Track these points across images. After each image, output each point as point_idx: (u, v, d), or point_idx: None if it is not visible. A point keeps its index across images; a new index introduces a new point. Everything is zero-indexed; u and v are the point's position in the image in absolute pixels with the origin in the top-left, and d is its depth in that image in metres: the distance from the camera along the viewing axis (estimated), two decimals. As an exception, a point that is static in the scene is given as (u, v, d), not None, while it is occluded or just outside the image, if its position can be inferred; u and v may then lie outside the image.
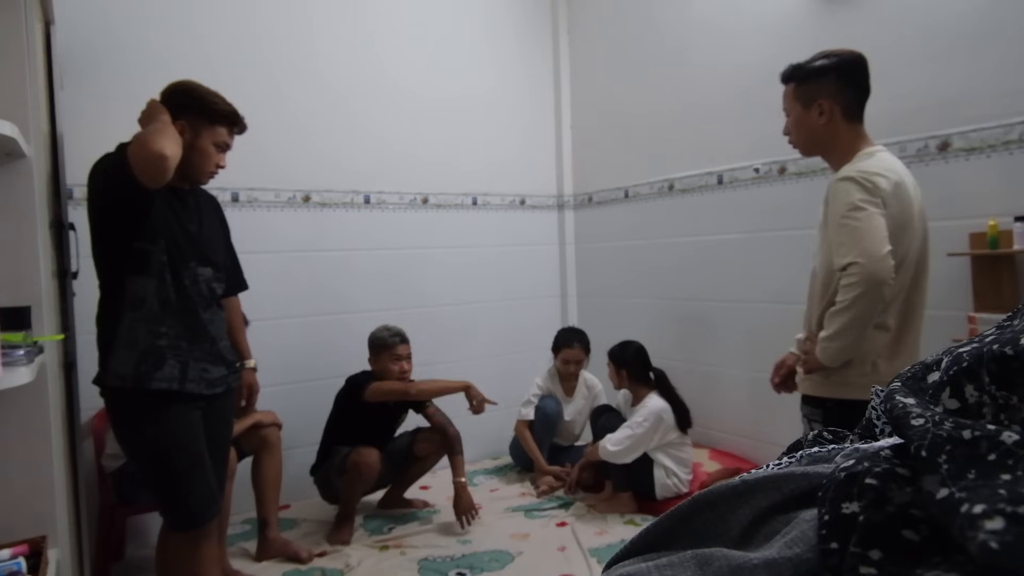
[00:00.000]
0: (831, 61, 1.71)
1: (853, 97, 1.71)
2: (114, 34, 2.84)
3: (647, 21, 3.60)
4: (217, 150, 1.89)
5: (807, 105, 1.74)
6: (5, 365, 1.32)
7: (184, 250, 1.83)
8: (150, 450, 1.79)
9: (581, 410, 3.46)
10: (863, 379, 1.68)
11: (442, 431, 2.90)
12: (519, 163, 4.00)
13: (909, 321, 1.75)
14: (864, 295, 1.59)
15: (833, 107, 1.71)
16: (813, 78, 1.73)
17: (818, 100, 1.72)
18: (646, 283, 3.70)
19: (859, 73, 1.71)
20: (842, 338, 1.65)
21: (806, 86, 1.74)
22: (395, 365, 2.87)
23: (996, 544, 0.24)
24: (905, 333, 1.74)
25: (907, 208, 1.68)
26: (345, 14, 3.40)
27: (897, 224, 1.65)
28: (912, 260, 1.72)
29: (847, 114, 1.72)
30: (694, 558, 0.32)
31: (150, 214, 1.75)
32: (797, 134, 1.80)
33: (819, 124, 1.73)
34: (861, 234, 1.59)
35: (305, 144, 3.29)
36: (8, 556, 1.38)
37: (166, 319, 1.78)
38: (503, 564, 2.52)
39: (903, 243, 1.67)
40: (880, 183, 1.62)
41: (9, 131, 1.36)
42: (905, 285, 1.72)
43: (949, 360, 0.31)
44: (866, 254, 1.58)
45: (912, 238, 1.70)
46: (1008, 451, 0.26)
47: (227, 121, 1.89)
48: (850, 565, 0.28)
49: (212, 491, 1.87)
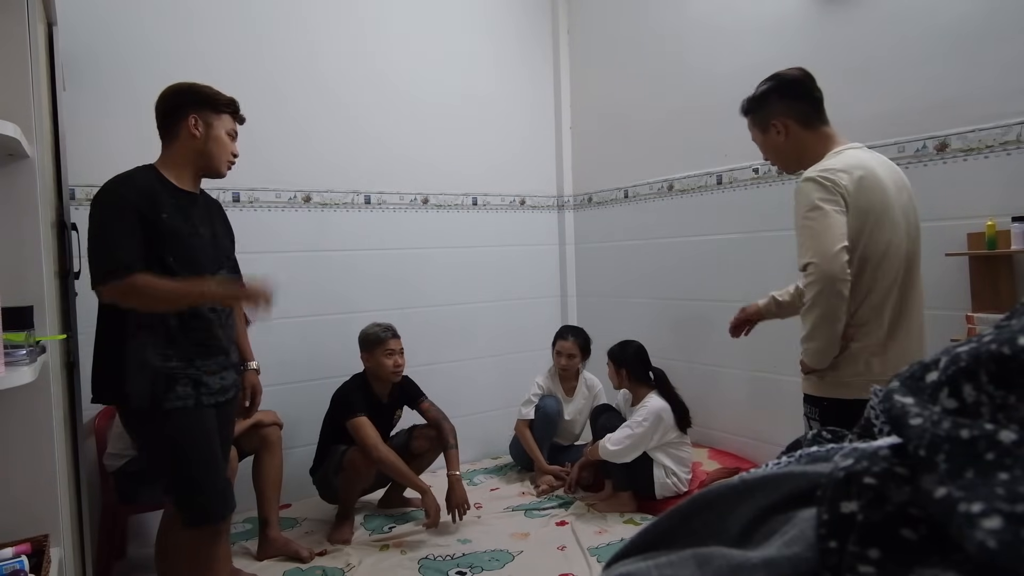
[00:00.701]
0: (770, 84, 1.83)
1: (803, 108, 1.79)
2: (115, 36, 2.84)
3: (647, 22, 3.60)
4: (229, 139, 1.94)
5: (765, 129, 1.85)
6: (7, 365, 1.32)
7: (200, 257, 1.85)
8: (168, 447, 1.80)
9: (581, 410, 3.47)
10: (857, 378, 1.70)
11: (437, 426, 2.90)
12: (519, 163, 4.00)
13: (902, 317, 1.74)
14: (822, 293, 1.64)
15: (786, 122, 1.80)
16: (760, 105, 1.84)
17: (771, 121, 1.82)
18: (646, 283, 3.70)
19: (799, 86, 1.80)
20: (815, 338, 1.69)
21: (757, 114, 1.86)
22: (389, 360, 2.87)
23: (994, 543, 0.24)
24: (898, 329, 1.74)
25: (879, 199, 1.70)
26: (345, 14, 3.40)
27: (866, 216, 1.67)
28: (897, 253, 1.72)
29: (804, 124, 1.80)
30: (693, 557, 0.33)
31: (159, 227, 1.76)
32: (770, 157, 1.91)
33: (780, 142, 1.82)
34: (816, 234, 1.65)
35: (306, 145, 3.29)
36: (10, 555, 1.38)
37: (176, 338, 1.78)
38: (503, 563, 2.52)
39: (879, 235, 1.69)
40: (840, 179, 1.67)
41: (12, 132, 1.37)
42: (894, 280, 1.72)
43: (947, 360, 0.32)
44: (819, 253, 1.63)
45: (892, 230, 1.71)
46: (1006, 450, 0.27)
47: (231, 109, 1.95)
48: (849, 564, 0.28)
49: (228, 486, 1.91)
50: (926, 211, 2.39)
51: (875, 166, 1.74)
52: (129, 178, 1.79)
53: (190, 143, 1.87)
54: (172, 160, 1.87)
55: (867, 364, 1.71)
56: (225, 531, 1.94)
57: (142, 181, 1.79)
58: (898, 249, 1.72)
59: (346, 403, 2.82)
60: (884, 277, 1.70)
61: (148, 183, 1.79)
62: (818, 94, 1.81)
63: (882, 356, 1.71)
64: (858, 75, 2.60)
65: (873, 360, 1.71)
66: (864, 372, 1.70)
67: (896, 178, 1.78)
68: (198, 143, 1.87)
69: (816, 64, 2.75)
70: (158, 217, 1.75)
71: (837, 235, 1.64)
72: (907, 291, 1.75)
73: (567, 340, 3.42)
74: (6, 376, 1.28)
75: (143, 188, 1.77)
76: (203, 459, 1.84)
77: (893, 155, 2.51)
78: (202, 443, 1.84)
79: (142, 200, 1.74)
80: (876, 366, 1.70)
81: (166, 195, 1.81)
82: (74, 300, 2.09)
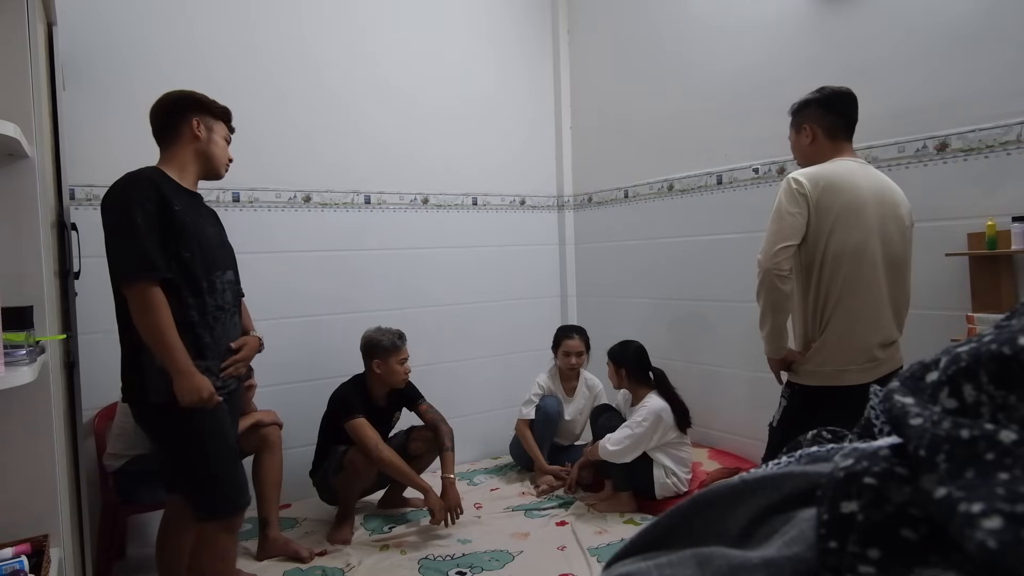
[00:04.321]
0: (817, 94, 2.01)
1: (833, 121, 1.98)
2: (114, 36, 2.84)
3: (647, 21, 3.60)
4: (226, 143, 2.01)
5: (798, 130, 2.06)
6: (7, 365, 1.32)
7: (214, 255, 1.89)
8: (192, 440, 1.83)
9: (582, 410, 3.47)
10: (818, 369, 1.91)
11: (435, 428, 2.89)
12: (519, 163, 4.00)
13: (876, 315, 1.88)
14: (761, 284, 1.89)
15: (815, 129, 2.00)
16: (801, 108, 2.04)
17: (804, 124, 2.02)
18: (646, 283, 3.70)
19: (840, 102, 1.98)
20: (762, 326, 1.94)
21: (797, 116, 2.06)
22: (403, 367, 2.88)
23: (994, 543, 0.24)
24: (865, 325, 1.88)
25: (845, 201, 1.86)
26: (345, 14, 3.40)
27: (827, 215, 1.85)
28: (866, 255, 1.86)
29: (829, 135, 1.99)
30: (693, 557, 0.33)
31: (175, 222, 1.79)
32: (795, 155, 2.12)
33: (806, 144, 2.03)
34: (768, 235, 1.89)
35: (305, 145, 3.29)
36: (10, 555, 1.38)
37: (195, 333, 1.81)
38: (503, 563, 2.52)
39: (844, 235, 1.86)
40: (806, 183, 1.87)
41: (12, 132, 1.37)
42: (864, 279, 1.85)
43: (948, 360, 0.32)
44: (764, 251, 1.89)
45: (862, 232, 1.86)
46: (1006, 450, 0.27)
47: (226, 117, 2.02)
48: (849, 564, 0.28)
49: (245, 477, 1.97)
50: (926, 211, 2.41)
51: (855, 175, 1.89)
52: (143, 174, 1.81)
53: (194, 144, 1.91)
54: (175, 161, 1.90)
55: (824, 361, 1.88)
56: (239, 526, 1.97)
57: (156, 177, 1.82)
58: (867, 251, 1.86)
59: (344, 404, 2.81)
60: (851, 275, 1.85)
61: (160, 179, 1.82)
62: (854, 114, 1.99)
63: (837, 352, 1.87)
64: (858, 75, 2.60)
65: (829, 357, 1.88)
66: (822, 366, 1.88)
67: (880, 189, 1.92)
68: (201, 144, 1.92)
69: (816, 64, 2.78)
70: (173, 212, 1.78)
71: (783, 235, 1.85)
72: (877, 290, 1.88)
73: (573, 339, 3.42)
74: (6, 376, 1.28)
75: (157, 183, 1.80)
76: (223, 451, 1.88)
77: (893, 155, 2.52)
78: (221, 435, 1.88)
79: (159, 196, 1.77)
80: (831, 361, 1.87)
81: (175, 192, 1.84)
82: (74, 300, 2.09)
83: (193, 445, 1.84)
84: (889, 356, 1.93)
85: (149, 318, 1.72)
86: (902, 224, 1.95)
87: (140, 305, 1.72)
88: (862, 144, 2.60)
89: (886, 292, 1.91)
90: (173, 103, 1.91)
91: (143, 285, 1.72)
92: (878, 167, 2.56)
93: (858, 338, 1.88)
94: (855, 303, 1.87)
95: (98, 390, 2.59)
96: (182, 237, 1.79)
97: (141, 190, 1.76)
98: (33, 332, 1.43)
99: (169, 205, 1.78)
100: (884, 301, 1.91)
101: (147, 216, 1.73)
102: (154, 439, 1.93)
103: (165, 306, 1.73)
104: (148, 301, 1.72)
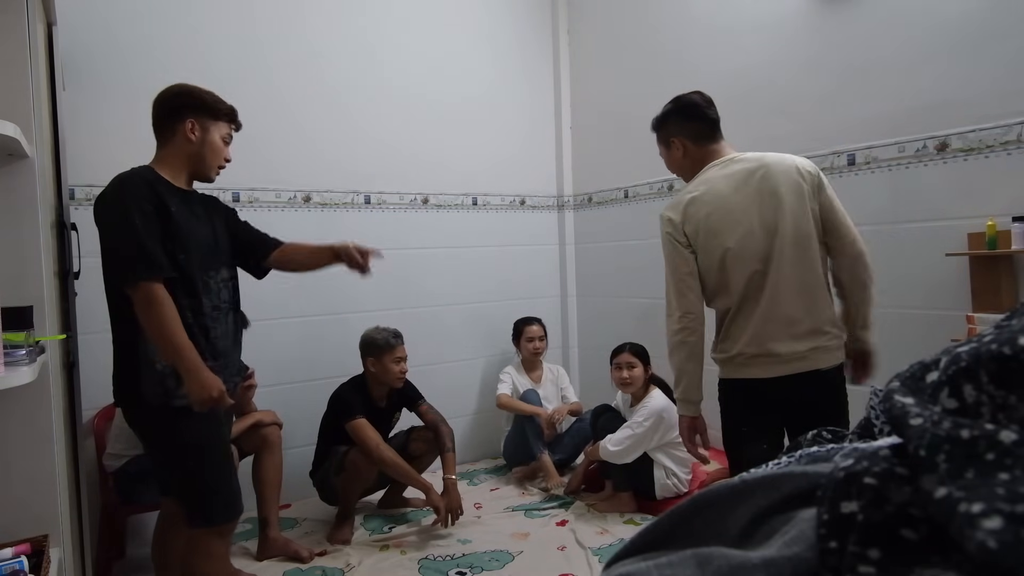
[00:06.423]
0: (669, 107, 2.02)
1: (697, 127, 1.97)
2: (114, 36, 2.84)
3: (647, 21, 3.60)
4: (224, 144, 1.96)
5: (668, 146, 2.03)
6: (7, 365, 1.32)
7: (204, 256, 1.87)
8: (188, 452, 1.82)
9: (552, 396, 3.60)
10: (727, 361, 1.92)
11: (435, 428, 2.89)
12: (519, 163, 4.00)
13: (773, 304, 1.81)
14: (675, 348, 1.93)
15: (683, 141, 1.98)
16: (662, 124, 2.03)
17: (672, 139, 2.00)
18: (646, 283, 3.69)
19: (695, 108, 1.97)
20: (677, 386, 2.02)
21: (661, 131, 2.04)
22: (396, 366, 2.88)
23: (994, 543, 0.24)
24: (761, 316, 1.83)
25: (705, 214, 1.85)
26: (345, 14, 3.40)
27: (695, 236, 1.86)
28: (741, 254, 1.82)
29: (697, 141, 1.97)
30: (694, 557, 0.33)
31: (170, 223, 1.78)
32: (673, 170, 2.09)
33: (679, 157, 2.01)
34: (668, 294, 1.92)
35: (306, 144, 3.29)
36: (10, 555, 1.38)
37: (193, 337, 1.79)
38: (503, 563, 2.52)
39: (723, 236, 1.82)
40: (674, 218, 1.89)
41: (11, 132, 1.37)
42: (746, 275, 1.82)
43: (948, 360, 0.32)
44: (670, 315, 1.91)
45: (728, 235, 1.82)
46: (1006, 450, 0.27)
47: (228, 117, 1.96)
48: (849, 564, 0.28)
49: (239, 485, 1.96)
50: (926, 211, 2.41)
51: (717, 180, 1.88)
52: (137, 175, 1.80)
53: (185, 146, 1.88)
54: (167, 161, 1.88)
55: (732, 344, 1.88)
56: (232, 531, 1.96)
57: (150, 176, 1.81)
58: (741, 249, 1.81)
59: (345, 405, 2.81)
60: (732, 279, 1.83)
61: (154, 180, 1.82)
62: (713, 115, 1.97)
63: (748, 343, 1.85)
64: (858, 75, 2.60)
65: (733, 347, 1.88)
66: (733, 360, 1.89)
67: (748, 173, 1.86)
68: (193, 147, 1.88)
69: (816, 64, 2.78)
70: (169, 213, 1.77)
71: (681, 289, 1.88)
72: (773, 287, 1.81)
73: (533, 325, 3.61)
74: (6, 376, 1.28)
75: (152, 183, 1.79)
76: (219, 461, 1.87)
77: (893, 155, 2.52)
78: (216, 446, 1.87)
79: (155, 197, 1.77)
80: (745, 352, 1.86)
81: (168, 193, 1.83)
82: (74, 300, 2.09)
83: (189, 456, 1.82)
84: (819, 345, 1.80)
85: (156, 317, 1.70)
86: (794, 189, 1.81)
87: (146, 304, 1.70)
88: (862, 144, 2.60)
89: (793, 281, 1.80)
90: (170, 99, 1.88)
91: (148, 284, 1.70)
92: (878, 167, 2.58)
93: (768, 340, 1.81)
94: (752, 306, 1.82)
95: (98, 390, 2.57)
96: (177, 239, 1.78)
97: (138, 191, 1.74)
98: (33, 332, 1.43)
99: (165, 206, 1.77)
100: (790, 291, 1.80)
101: (145, 216, 1.72)
102: (148, 444, 1.92)
103: (171, 304, 1.72)
104: (153, 300, 1.70)
